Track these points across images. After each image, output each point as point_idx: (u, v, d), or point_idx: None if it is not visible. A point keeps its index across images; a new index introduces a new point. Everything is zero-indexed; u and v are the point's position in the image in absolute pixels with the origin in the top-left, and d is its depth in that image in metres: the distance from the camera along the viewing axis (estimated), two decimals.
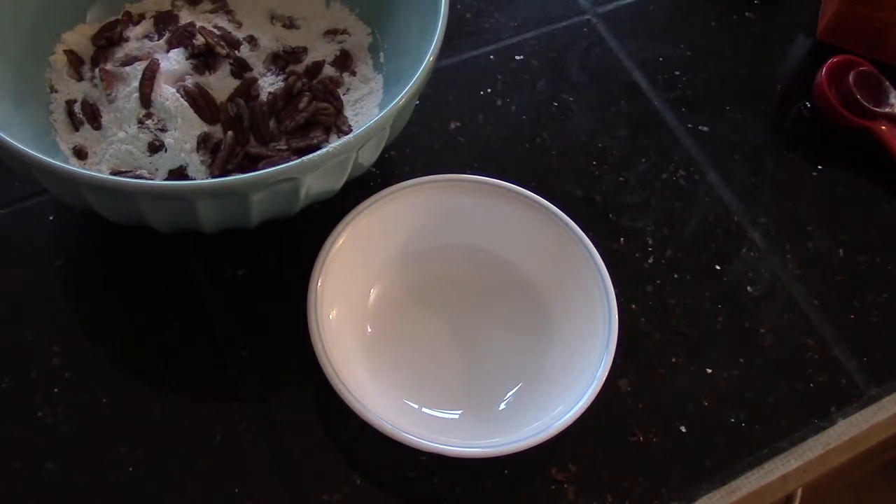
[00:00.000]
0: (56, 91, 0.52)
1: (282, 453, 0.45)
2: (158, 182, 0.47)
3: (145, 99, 0.49)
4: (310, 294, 0.46)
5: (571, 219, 0.50)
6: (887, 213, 0.57)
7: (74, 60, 0.53)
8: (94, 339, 0.48)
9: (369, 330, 0.48)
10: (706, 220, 0.56)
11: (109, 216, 0.45)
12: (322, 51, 0.56)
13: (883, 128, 0.59)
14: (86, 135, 0.51)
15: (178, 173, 0.49)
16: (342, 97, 0.54)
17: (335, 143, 0.42)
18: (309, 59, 0.55)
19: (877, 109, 0.59)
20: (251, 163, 0.49)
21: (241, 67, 0.52)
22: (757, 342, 0.51)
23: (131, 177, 0.48)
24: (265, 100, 0.51)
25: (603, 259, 0.48)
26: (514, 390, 0.47)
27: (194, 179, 0.48)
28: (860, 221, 0.57)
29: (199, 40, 0.52)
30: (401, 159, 0.56)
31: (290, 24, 0.57)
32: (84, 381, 0.46)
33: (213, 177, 0.48)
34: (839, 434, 0.48)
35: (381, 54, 0.56)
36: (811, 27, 0.66)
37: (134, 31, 0.54)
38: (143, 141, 0.49)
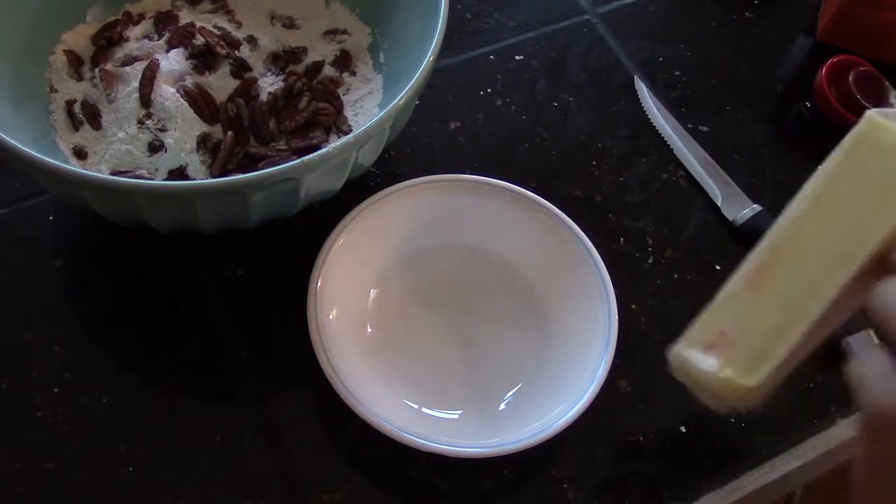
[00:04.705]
0: (56, 91, 0.52)
1: (282, 453, 0.45)
2: (158, 182, 0.47)
3: (145, 99, 0.49)
4: (310, 294, 0.46)
5: (571, 219, 0.50)
6: None
7: (74, 60, 0.53)
8: (94, 339, 0.48)
9: (369, 330, 0.48)
10: (706, 220, 0.56)
11: (109, 216, 0.45)
12: (322, 51, 0.56)
13: None
14: (86, 135, 0.51)
15: (178, 173, 0.49)
16: (342, 97, 0.54)
17: (335, 143, 0.42)
18: (309, 59, 0.55)
19: None
20: (251, 163, 0.49)
21: (241, 67, 0.52)
22: None
23: (131, 177, 0.48)
24: (265, 100, 0.51)
25: (603, 259, 0.48)
26: (514, 390, 0.47)
27: (194, 179, 0.48)
28: None
29: (199, 40, 0.52)
30: (401, 159, 0.56)
31: (290, 24, 0.57)
32: (84, 381, 0.46)
33: (213, 177, 0.48)
34: (839, 434, 0.48)
35: (381, 54, 0.56)
36: (811, 27, 0.66)
37: (134, 31, 0.54)
38: (143, 141, 0.49)
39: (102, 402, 0.46)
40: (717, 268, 0.54)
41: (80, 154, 0.50)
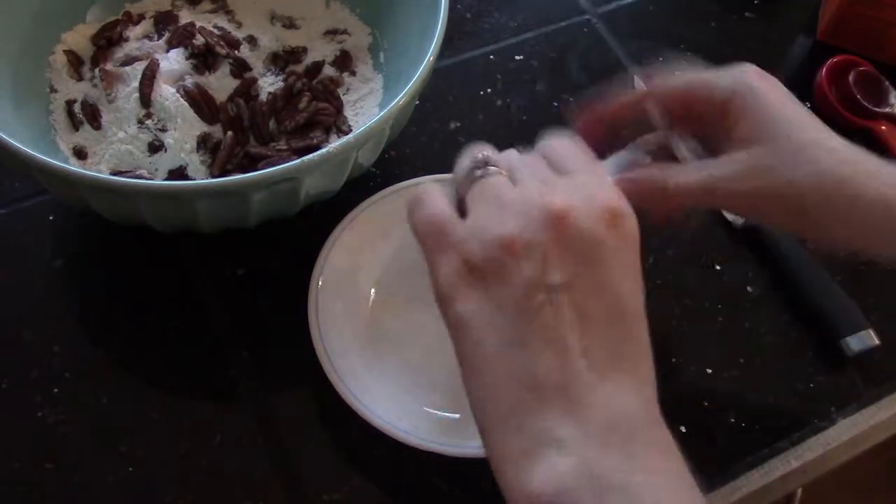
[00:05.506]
0: (56, 91, 0.52)
1: (282, 453, 0.45)
2: (158, 182, 0.47)
3: (145, 99, 0.49)
4: (310, 294, 0.46)
5: None
6: None
7: (74, 60, 0.53)
8: (94, 339, 0.48)
9: (369, 330, 0.48)
10: (706, 220, 0.56)
11: (109, 216, 0.45)
12: (322, 51, 0.56)
13: (883, 128, 0.59)
14: (86, 135, 0.51)
15: (178, 173, 0.49)
16: (342, 97, 0.54)
17: (335, 143, 0.42)
18: (309, 59, 0.55)
19: (877, 109, 0.59)
20: (251, 163, 0.49)
21: (241, 67, 0.52)
22: (757, 342, 0.51)
23: (131, 177, 0.48)
24: (265, 100, 0.51)
25: None
26: None
27: (194, 179, 0.48)
28: None
29: (199, 40, 0.52)
30: (401, 159, 0.56)
31: (290, 24, 0.57)
32: (84, 381, 0.46)
33: (213, 177, 0.48)
34: (839, 434, 0.48)
35: (381, 54, 0.56)
36: (811, 27, 0.66)
37: (134, 31, 0.54)
38: (143, 141, 0.49)
39: (102, 402, 0.46)
40: (717, 268, 0.54)
41: (80, 154, 0.50)
